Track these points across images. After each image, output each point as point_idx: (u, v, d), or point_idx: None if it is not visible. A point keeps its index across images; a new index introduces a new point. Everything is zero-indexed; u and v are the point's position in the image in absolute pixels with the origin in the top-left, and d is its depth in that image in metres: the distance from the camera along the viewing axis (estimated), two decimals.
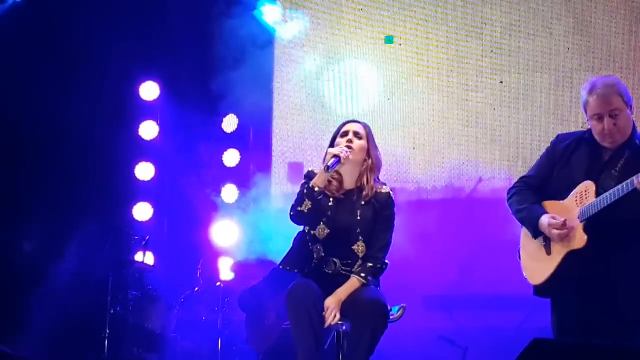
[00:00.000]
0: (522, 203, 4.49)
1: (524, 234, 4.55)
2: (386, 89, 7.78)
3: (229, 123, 8.34)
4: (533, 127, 7.52)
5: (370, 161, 4.62)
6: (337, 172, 4.61)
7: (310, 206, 4.45)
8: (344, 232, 4.61)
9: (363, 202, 4.58)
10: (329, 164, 4.43)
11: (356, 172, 4.65)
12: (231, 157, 8.35)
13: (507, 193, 4.61)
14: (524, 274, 4.52)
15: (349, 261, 4.65)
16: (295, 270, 4.60)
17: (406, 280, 6.07)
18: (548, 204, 4.47)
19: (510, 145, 7.51)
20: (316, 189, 4.45)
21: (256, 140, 8.12)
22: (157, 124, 8.53)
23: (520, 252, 4.58)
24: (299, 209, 4.46)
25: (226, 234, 7.99)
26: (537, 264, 4.42)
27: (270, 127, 7.93)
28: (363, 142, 4.63)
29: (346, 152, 4.47)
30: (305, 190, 4.45)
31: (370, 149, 4.65)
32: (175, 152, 8.15)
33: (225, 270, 7.64)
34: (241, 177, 8.14)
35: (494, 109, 7.57)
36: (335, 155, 4.48)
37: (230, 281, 7.32)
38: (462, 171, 7.56)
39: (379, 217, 4.62)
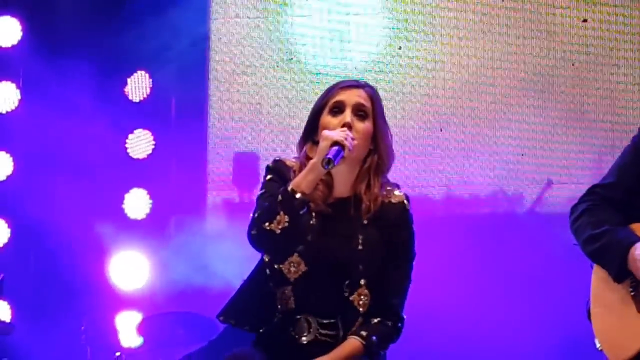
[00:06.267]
0: (598, 225, 3.82)
1: (597, 279, 3.85)
2: (397, 31, 6.87)
3: (137, 86, 7.20)
4: None
5: (376, 156, 3.83)
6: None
7: (287, 224, 3.65)
8: (333, 272, 3.78)
9: (366, 221, 3.79)
10: (330, 155, 3.60)
11: (354, 172, 3.85)
12: (140, 143, 7.17)
13: (571, 212, 3.93)
14: (599, 345, 3.78)
15: (337, 321, 3.75)
16: (246, 328, 3.80)
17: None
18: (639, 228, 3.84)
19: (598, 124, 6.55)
20: (298, 195, 3.66)
21: (182, 116, 7.14)
22: (18, 87, 7.31)
23: (592, 310, 3.83)
24: (266, 226, 3.64)
25: (131, 273, 6.97)
26: (621, 329, 3.71)
27: (206, 94, 6.99)
28: (369, 126, 3.83)
29: (352, 139, 3.74)
30: (280, 197, 3.67)
31: (378, 134, 3.85)
32: (43, 133, 6.84)
33: (130, 332, 6.74)
34: (156, 176, 7.04)
35: (573, 64, 6.55)
36: (336, 143, 3.65)
37: (137, 349, 6.61)
38: (521, 168, 6.62)
39: (391, 244, 3.83)
